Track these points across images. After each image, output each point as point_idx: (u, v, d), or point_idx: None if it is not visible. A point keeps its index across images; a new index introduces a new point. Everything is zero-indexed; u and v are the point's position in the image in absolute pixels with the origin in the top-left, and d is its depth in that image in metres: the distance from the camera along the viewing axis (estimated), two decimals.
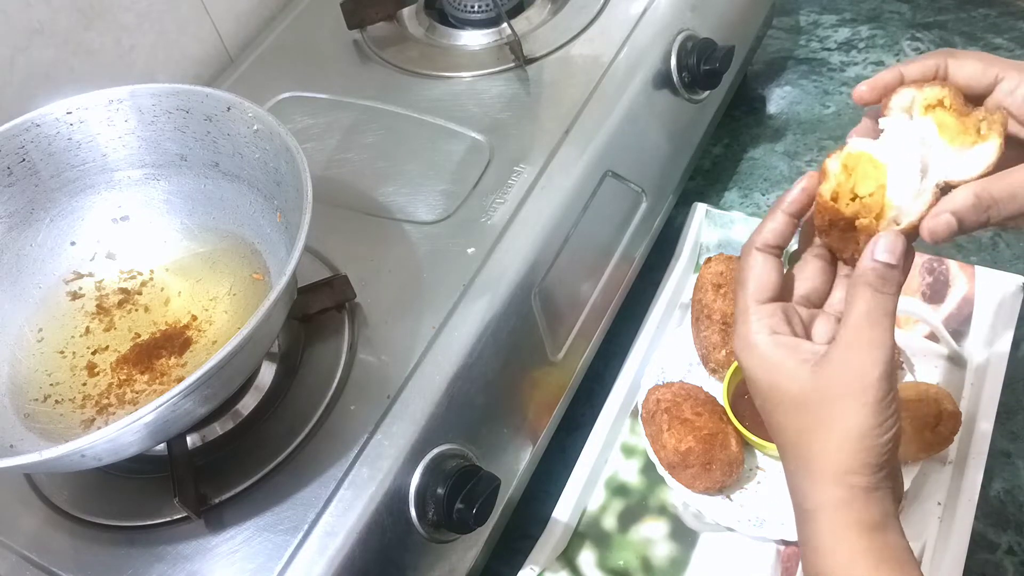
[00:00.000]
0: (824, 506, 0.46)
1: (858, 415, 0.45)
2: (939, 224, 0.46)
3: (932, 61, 0.50)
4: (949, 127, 0.47)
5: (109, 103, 0.64)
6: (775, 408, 0.48)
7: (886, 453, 0.45)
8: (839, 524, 0.46)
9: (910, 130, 0.48)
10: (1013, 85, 0.48)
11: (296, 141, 0.58)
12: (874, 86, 0.50)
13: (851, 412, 0.45)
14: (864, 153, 0.48)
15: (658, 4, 0.82)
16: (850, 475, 0.45)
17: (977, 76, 0.49)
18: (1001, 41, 1.02)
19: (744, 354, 0.49)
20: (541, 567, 0.68)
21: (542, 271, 0.67)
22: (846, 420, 0.45)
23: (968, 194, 0.46)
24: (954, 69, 0.49)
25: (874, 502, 0.45)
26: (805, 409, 0.47)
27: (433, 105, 0.78)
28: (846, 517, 0.46)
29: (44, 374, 0.61)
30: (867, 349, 0.45)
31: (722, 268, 0.76)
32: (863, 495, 0.45)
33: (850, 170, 0.48)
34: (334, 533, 0.54)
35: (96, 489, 0.59)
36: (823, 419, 0.46)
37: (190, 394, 0.48)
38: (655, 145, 0.81)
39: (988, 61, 0.49)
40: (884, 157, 0.47)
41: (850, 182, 0.48)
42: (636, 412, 0.74)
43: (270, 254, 0.64)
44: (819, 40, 1.07)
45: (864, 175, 0.47)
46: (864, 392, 0.45)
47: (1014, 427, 0.72)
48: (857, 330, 0.46)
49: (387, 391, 0.59)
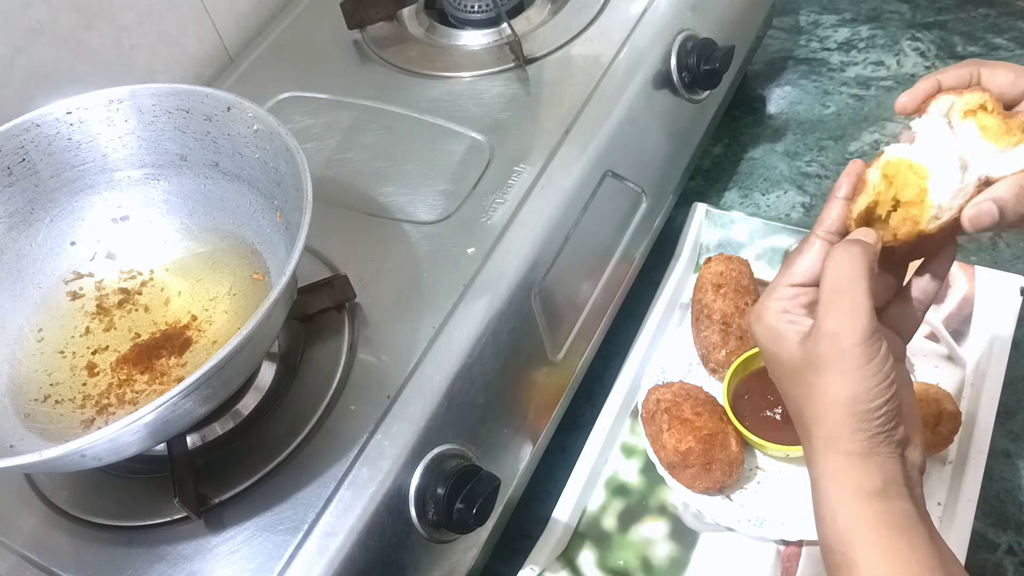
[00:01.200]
0: (824, 473, 0.47)
1: (841, 382, 0.45)
2: (981, 211, 0.46)
3: (965, 70, 0.51)
4: (991, 128, 0.47)
5: (109, 103, 0.64)
6: (779, 379, 0.50)
7: (879, 419, 0.45)
8: (838, 491, 0.46)
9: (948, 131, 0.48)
10: None
11: (296, 141, 0.58)
12: (914, 96, 0.51)
13: (834, 379, 0.45)
14: (903, 160, 0.48)
15: (658, 4, 0.82)
16: (843, 442, 0.46)
17: (1008, 85, 0.50)
18: (1001, 41, 1.02)
19: (755, 325, 0.50)
20: (541, 567, 0.68)
21: (542, 271, 0.67)
22: (831, 387, 0.46)
23: (1012, 183, 0.46)
24: (986, 77, 0.50)
25: (873, 468, 0.45)
26: (800, 378, 0.48)
27: (433, 105, 0.78)
28: (844, 484, 0.46)
29: (44, 374, 0.61)
30: (840, 315, 0.46)
31: (722, 268, 0.76)
32: (859, 461, 0.45)
33: (890, 179, 0.49)
34: (334, 533, 0.54)
35: (96, 489, 0.59)
36: (812, 387, 0.47)
37: (190, 394, 0.48)
38: (655, 145, 0.81)
39: (1020, 71, 0.50)
40: (923, 158, 0.48)
41: (891, 191, 0.48)
42: (636, 412, 0.74)
43: (270, 254, 0.64)
44: (819, 40, 1.07)
45: (905, 183, 0.48)
46: (842, 359, 0.45)
47: (1014, 427, 0.72)
48: (829, 298, 0.46)
49: (387, 391, 0.59)
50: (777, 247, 0.83)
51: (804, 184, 0.93)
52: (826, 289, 0.47)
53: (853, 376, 0.45)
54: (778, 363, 0.49)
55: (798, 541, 0.67)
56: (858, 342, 0.45)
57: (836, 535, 0.46)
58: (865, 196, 0.50)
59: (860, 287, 0.46)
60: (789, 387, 0.49)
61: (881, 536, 0.45)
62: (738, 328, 0.74)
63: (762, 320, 0.50)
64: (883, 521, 0.45)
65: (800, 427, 0.49)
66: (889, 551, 0.44)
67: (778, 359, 0.49)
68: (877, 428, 0.45)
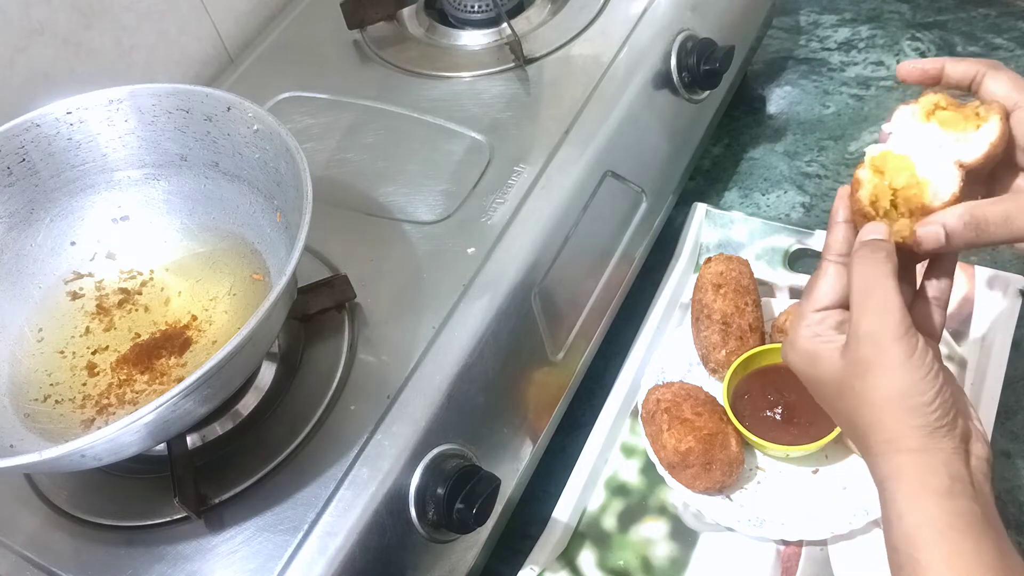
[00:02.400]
0: (888, 476, 0.46)
1: (888, 379, 0.45)
2: (928, 233, 0.48)
3: (973, 68, 0.52)
4: (950, 120, 0.50)
5: (109, 103, 0.64)
6: (826, 400, 0.50)
7: (935, 412, 0.45)
8: (902, 491, 0.46)
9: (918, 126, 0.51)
10: None
11: (296, 141, 0.58)
12: (917, 66, 0.53)
13: (881, 380, 0.46)
14: (886, 151, 0.51)
15: (658, 4, 0.82)
16: (903, 440, 0.45)
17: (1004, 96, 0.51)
18: (1001, 41, 1.02)
19: (790, 355, 0.51)
20: (541, 567, 0.68)
21: (542, 271, 0.67)
22: (879, 389, 0.46)
23: (963, 212, 0.47)
24: (989, 82, 0.51)
25: (938, 464, 0.45)
26: (846, 390, 0.48)
27: (433, 105, 0.78)
28: (909, 483, 0.45)
29: (44, 374, 0.61)
30: (874, 316, 0.46)
31: (722, 268, 0.76)
32: (922, 458, 0.45)
33: (880, 169, 0.51)
34: (334, 533, 0.54)
35: (96, 489, 0.59)
36: (860, 394, 0.47)
37: (190, 394, 0.48)
38: (655, 145, 0.81)
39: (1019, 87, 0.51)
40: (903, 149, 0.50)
41: (885, 180, 0.50)
42: (636, 412, 0.74)
43: (270, 254, 0.64)
44: (819, 40, 1.07)
45: (895, 169, 0.50)
46: (884, 356, 0.46)
47: (1014, 427, 0.72)
48: (860, 302, 0.47)
49: (387, 391, 0.59)
50: (777, 247, 0.83)
51: (804, 184, 0.93)
52: (856, 293, 0.48)
53: (898, 372, 0.45)
54: (821, 384, 0.50)
55: (798, 541, 0.67)
56: (896, 337, 0.45)
57: (902, 536, 0.45)
58: (864, 190, 0.51)
59: (887, 284, 0.47)
60: (837, 403, 0.49)
61: (946, 537, 0.44)
62: (738, 328, 0.74)
63: (796, 348, 0.51)
64: (949, 522, 0.44)
65: (857, 440, 0.49)
66: (954, 553, 0.44)
67: (820, 381, 0.50)
68: (935, 422, 0.45)
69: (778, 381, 0.70)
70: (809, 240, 0.83)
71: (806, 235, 0.83)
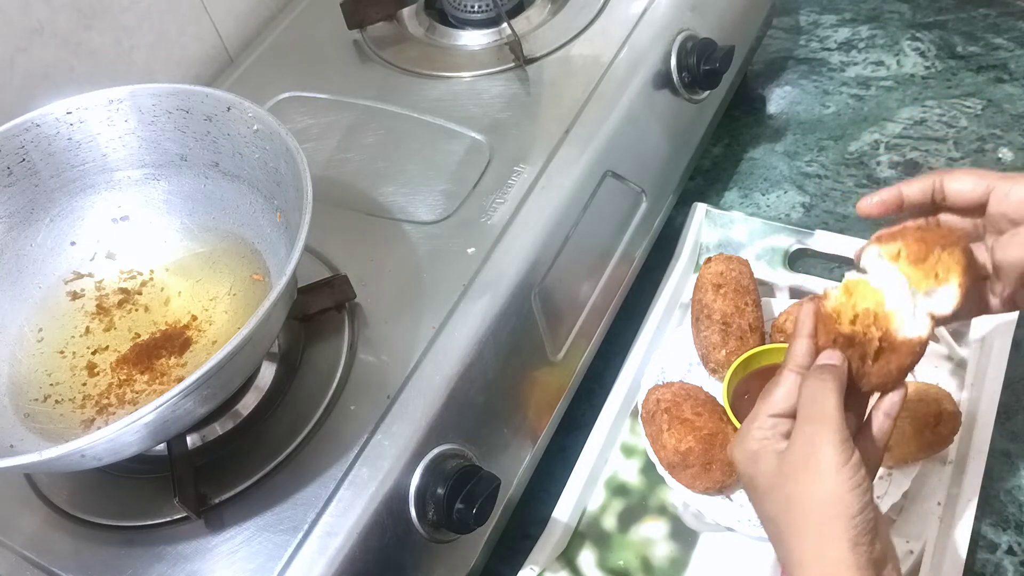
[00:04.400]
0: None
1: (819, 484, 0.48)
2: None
3: (928, 181, 0.55)
4: (911, 276, 0.52)
5: (109, 103, 0.64)
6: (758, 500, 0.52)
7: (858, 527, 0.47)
8: None
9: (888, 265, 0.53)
10: (1005, 191, 0.53)
11: (296, 141, 0.58)
12: (881, 203, 0.56)
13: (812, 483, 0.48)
14: (863, 280, 0.53)
15: (658, 4, 0.82)
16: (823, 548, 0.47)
17: (969, 190, 0.54)
18: (1001, 41, 1.02)
19: (736, 450, 0.53)
20: (541, 567, 0.68)
21: (542, 271, 0.67)
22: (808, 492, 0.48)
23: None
24: (949, 184, 0.54)
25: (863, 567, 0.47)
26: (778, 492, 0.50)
27: (433, 105, 0.78)
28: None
29: (44, 374, 0.61)
30: (813, 423, 0.49)
31: (722, 268, 0.76)
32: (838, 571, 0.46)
33: (851, 291, 0.53)
34: (334, 533, 0.54)
35: (96, 489, 0.59)
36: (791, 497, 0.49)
37: (190, 394, 0.48)
38: (655, 145, 0.81)
39: (979, 175, 0.54)
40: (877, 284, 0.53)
41: (851, 301, 0.53)
42: (636, 412, 0.74)
43: (270, 254, 0.64)
44: (819, 40, 1.07)
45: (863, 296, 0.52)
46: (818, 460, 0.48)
47: (1014, 427, 0.72)
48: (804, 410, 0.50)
49: (387, 391, 0.59)
50: (777, 247, 0.83)
51: (804, 184, 0.93)
52: (802, 404, 0.50)
53: (830, 478, 0.47)
54: (755, 485, 0.52)
55: None
56: (831, 443, 0.48)
57: None
58: (829, 302, 0.53)
59: (831, 399, 0.49)
60: (768, 505, 0.51)
61: None
62: (738, 328, 0.74)
63: (743, 445, 0.52)
64: None
65: (780, 547, 0.50)
66: None
67: (755, 481, 0.51)
68: (857, 537, 0.47)
69: None
70: (809, 240, 0.83)
71: (806, 235, 0.83)
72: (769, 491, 0.50)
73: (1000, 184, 0.53)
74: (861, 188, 0.91)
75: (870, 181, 0.92)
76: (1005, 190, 0.53)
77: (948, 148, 0.93)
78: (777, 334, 0.75)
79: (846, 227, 0.88)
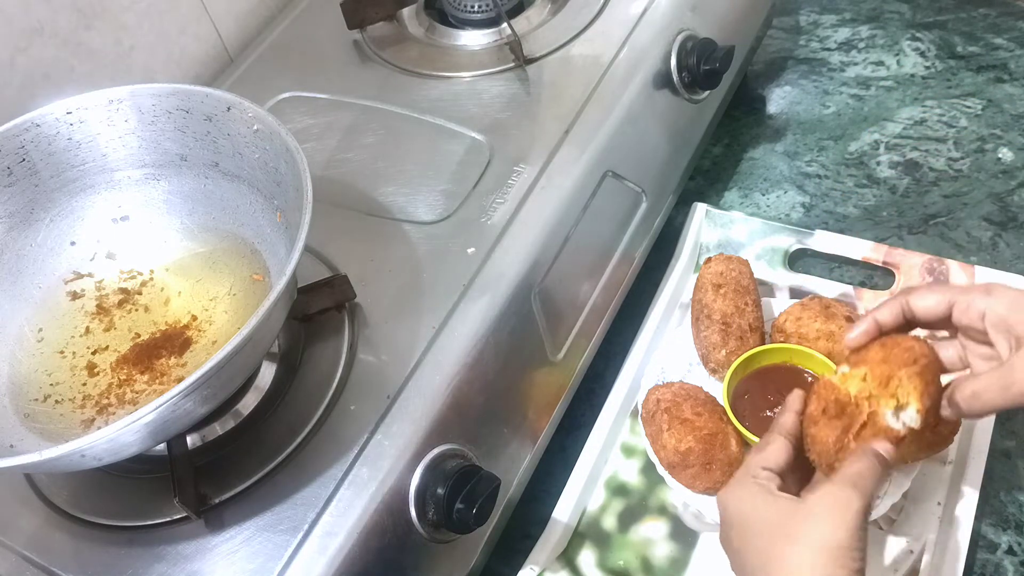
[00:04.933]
0: None
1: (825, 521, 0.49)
2: None
3: (896, 304, 0.58)
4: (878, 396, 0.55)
5: (109, 103, 0.64)
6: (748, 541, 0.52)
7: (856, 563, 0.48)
8: None
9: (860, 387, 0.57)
10: (964, 305, 0.56)
11: (296, 141, 0.58)
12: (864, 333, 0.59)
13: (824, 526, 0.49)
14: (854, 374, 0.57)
15: (658, 4, 0.82)
16: None
17: (933, 306, 0.57)
18: (1001, 41, 1.02)
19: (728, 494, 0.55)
20: (541, 567, 0.68)
21: (542, 271, 0.67)
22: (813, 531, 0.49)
23: None
24: (914, 304, 0.58)
25: None
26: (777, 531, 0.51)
27: (433, 105, 0.78)
28: None
29: (44, 374, 0.61)
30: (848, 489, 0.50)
31: (722, 268, 0.76)
32: None
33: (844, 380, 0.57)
34: (334, 533, 0.54)
35: (96, 489, 0.59)
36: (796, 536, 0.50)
37: (190, 394, 0.48)
38: (655, 145, 0.81)
39: (940, 291, 0.57)
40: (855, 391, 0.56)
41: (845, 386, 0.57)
42: (636, 412, 0.74)
43: (270, 254, 0.64)
44: (819, 40, 1.07)
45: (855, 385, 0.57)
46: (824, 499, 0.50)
47: (1014, 427, 0.72)
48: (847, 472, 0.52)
49: (387, 391, 0.60)
50: (777, 247, 0.83)
51: (804, 184, 0.93)
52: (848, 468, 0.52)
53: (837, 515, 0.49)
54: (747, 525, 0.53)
55: None
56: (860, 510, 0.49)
57: None
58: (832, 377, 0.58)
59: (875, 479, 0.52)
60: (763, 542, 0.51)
61: None
62: (738, 328, 0.74)
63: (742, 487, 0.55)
64: None
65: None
66: None
67: (747, 521, 0.53)
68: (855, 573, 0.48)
69: (778, 381, 0.70)
70: (809, 240, 0.83)
71: (806, 235, 0.83)
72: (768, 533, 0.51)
73: (960, 298, 0.56)
74: (861, 188, 0.91)
75: (870, 181, 0.92)
76: (965, 304, 0.56)
77: (948, 148, 0.93)
78: (777, 334, 0.75)
79: (846, 227, 0.88)
